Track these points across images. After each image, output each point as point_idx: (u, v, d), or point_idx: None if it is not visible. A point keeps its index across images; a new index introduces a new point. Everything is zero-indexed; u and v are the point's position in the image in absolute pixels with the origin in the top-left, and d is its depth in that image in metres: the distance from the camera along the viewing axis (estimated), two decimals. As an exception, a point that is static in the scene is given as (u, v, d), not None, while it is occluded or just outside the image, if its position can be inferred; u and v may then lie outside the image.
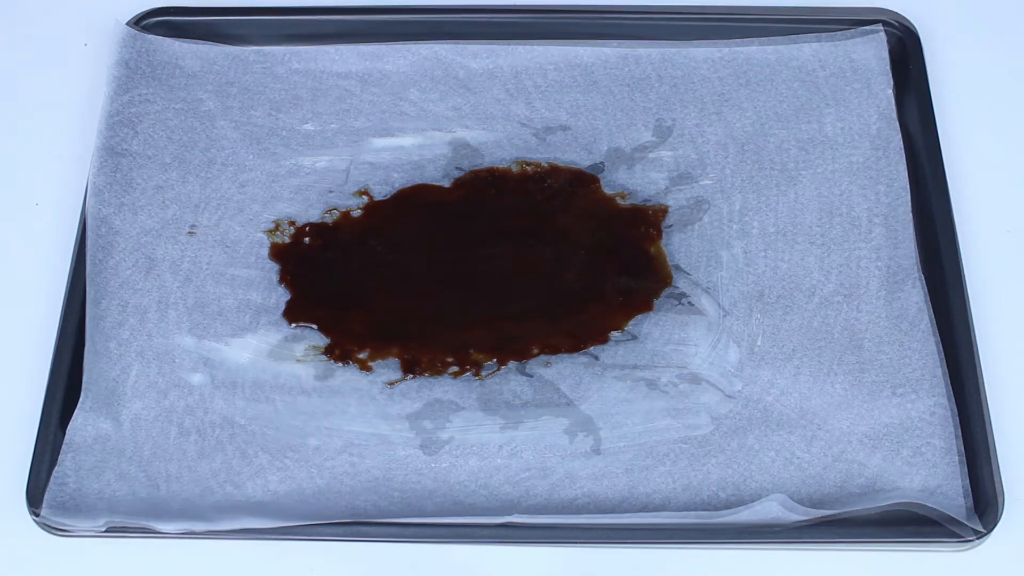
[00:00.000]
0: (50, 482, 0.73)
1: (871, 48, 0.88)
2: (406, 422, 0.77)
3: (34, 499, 0.73)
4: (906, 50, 0.89)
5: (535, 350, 0.79)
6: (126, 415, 0.76)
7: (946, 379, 0.77)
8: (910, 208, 0.82)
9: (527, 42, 0.89)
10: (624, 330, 0.80)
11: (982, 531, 0.72)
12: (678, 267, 0.82)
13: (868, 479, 0.75)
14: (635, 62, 0.89)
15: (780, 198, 0.84)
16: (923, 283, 0.80)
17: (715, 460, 0.75)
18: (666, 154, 0.86)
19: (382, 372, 0.79)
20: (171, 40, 0.89)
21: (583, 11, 0.91)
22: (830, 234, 0.82)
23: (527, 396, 0.78)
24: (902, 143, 0.84)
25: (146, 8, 0.90)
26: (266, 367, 0.78)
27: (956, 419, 0.76)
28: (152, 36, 0.88)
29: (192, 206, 0.84)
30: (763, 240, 0.82)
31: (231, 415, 0.77)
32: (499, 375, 0.78)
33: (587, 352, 0.79)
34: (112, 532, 0.72)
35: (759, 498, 0.73)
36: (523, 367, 0.79)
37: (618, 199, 0.85)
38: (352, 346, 0.79)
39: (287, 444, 0.76)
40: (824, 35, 0.89)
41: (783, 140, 0.86)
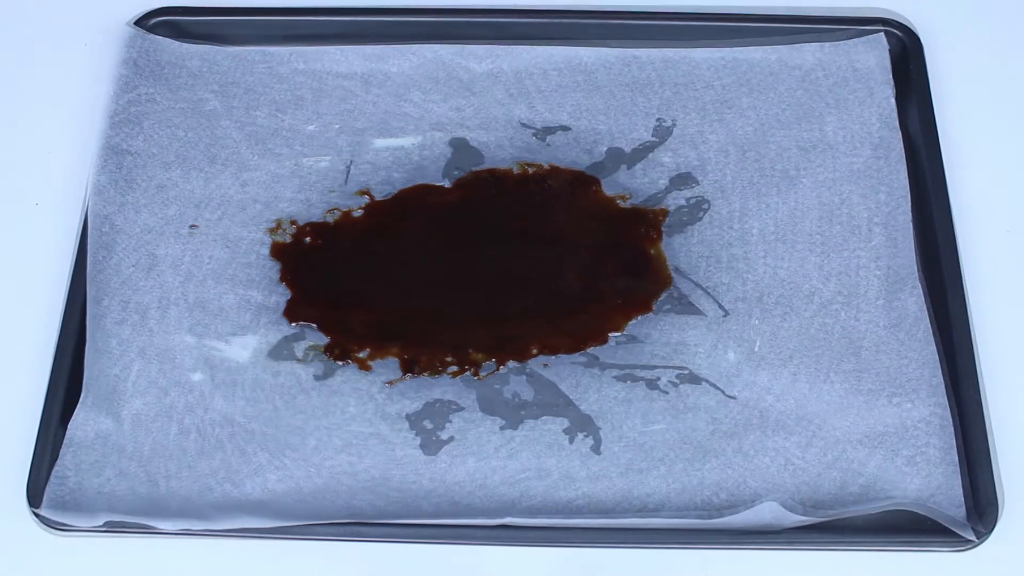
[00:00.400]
0: (50, 478, 0.74)
1: (873, 52, 0.88)
2: (405, 422, 0.77)
3: (34, 496, 0.73)
4: (907, 54, 0.89)
5: (534, 350, 0.79)
6: (127, 413, 0.76)
7: (945, 384, 0.77)
8: (910, 213, 0.82)
9: (529, 44, 0.90)
10: (623, 331, 0.80)
11: (979, 536, 0.72)
12: (678, 269, 0.82)
13: (865, 483, 0.74)
14: (637, 65, 0.89)
15: (780, 202, 0.84)
16: (922, 288, 0.80)
17: (712, 463, 0.75)
18: (667, 156, 0.86)
19: (381, 372, 0.79)
20: (175, 41, 0.89)
21: (585, 14, 0.91)
22: (830, 238, 0.82)
23: (526, 396, 0.78)
24: (903, 148, 0.84)
25: (148, 8, 0.90)
26: (266, 366, 0.79)
27: (955, 423, 0.75)
28: (157, 36, 0.89)
29: (194, 204, 0.84)
30: (763, 243, 0.82)
31: (231, 414, 0.77)
32: (498, 375, 0.79)
33: (586, 352, 0.79)
34: (111, 530, 0.72)
35: (755, 502, 0.73)
36: (523, 367, 0.79)
37: (618, 201, 0.85)
38: (352, 345, 0.79)
39: (286, 443, 0.76)
40: (826, 39, 0.89)
41: (784, 144, 0.86)
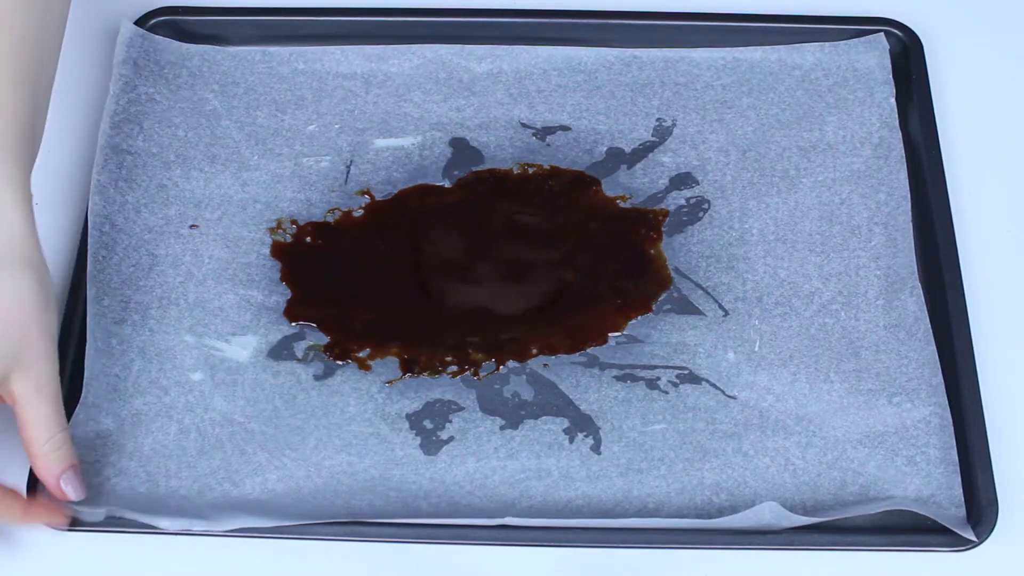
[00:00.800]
0: (50, 477, 0.74)
1: (873, 55, 0.88)
2: (405, 422, 0.77)
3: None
4: (907, 54, 0.89)
5: (534, 350, 0.79)
6: (127, 412, 0.76)
7: (943, 387, 0.77)
8: (910, 216, 0.82)
9: (530, 44, 0.90)
10: (623, 331, 0.80)
11: (979, 536, 0.72)
12: (677, 270, 0.82)
13: (865, 483, 0.75)
14: (637, 65, 0.89)
15: (780, 202, 0.84)
16: (922, 290, 0.80)
17: (712, 463, 0.75)
18: (667, 157, 0.86)
19: (381, 371, 0.79)
20: (176, 41, 0.89)
21: (585, 14, 0.91)
22: (830, 239, 0.82)
23: (526, 396, 0.78)
24: (903, 149, 0.85)
25: (148, 8, 0.90)
26: (266, 366, 0.79)
27: (955, 423, 0.75)
28: (157, 36, 0.89)
29: (194, 204, 0.84)
30: (763, 245, 0.83)
31: (230, 413, 0.77)
32: (498, 375, 0.79)
33: (586, 352, 0.79)
34: (110, 529, 0.73)
35: (753, 503, 0.73)
36: (522, 367, 0.79)
37: (619, 201, 0.85)
38: (352, 345, 0.80)
39: (286, 443, 0.76)
40: (826, 40, 0.89)
41: (784, 146, 0.86)
